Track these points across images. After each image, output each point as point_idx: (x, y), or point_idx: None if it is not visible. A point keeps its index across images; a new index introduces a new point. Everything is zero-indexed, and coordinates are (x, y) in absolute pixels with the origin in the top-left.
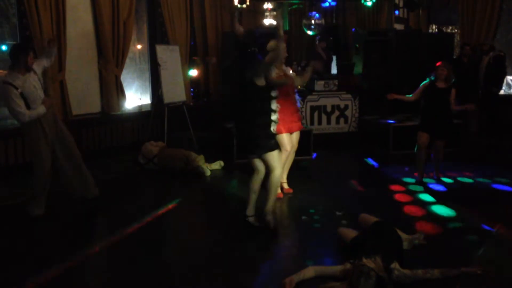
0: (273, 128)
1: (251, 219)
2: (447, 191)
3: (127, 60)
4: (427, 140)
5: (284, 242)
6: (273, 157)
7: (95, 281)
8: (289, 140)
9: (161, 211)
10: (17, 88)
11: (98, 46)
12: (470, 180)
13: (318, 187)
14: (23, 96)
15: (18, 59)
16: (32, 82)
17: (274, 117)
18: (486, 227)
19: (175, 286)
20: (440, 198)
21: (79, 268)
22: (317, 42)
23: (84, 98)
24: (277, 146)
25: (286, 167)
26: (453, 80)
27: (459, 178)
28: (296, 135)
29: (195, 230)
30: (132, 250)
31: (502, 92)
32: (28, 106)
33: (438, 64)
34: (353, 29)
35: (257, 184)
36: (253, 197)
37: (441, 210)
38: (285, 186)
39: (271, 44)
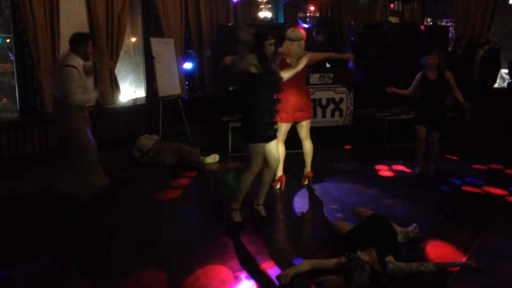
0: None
1: (260, 208)
2: (442, 184)
3: (122, 53)
4: (425, 133)
5: (279, 235)
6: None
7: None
8: (285, 131)
9: (156, 204)
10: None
11: (92, 39)
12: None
13: (313, 180)
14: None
15: (78, 49)
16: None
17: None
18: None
19: (169, 279)
20: (435, 191)
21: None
22: (314, 35)
23: None
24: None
25: (309, 159)
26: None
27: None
28: (306, 124)
29: (190, 223)
30: (128, 242)
31: (496, 85)
32: None
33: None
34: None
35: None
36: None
37: (435, 203)
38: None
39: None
